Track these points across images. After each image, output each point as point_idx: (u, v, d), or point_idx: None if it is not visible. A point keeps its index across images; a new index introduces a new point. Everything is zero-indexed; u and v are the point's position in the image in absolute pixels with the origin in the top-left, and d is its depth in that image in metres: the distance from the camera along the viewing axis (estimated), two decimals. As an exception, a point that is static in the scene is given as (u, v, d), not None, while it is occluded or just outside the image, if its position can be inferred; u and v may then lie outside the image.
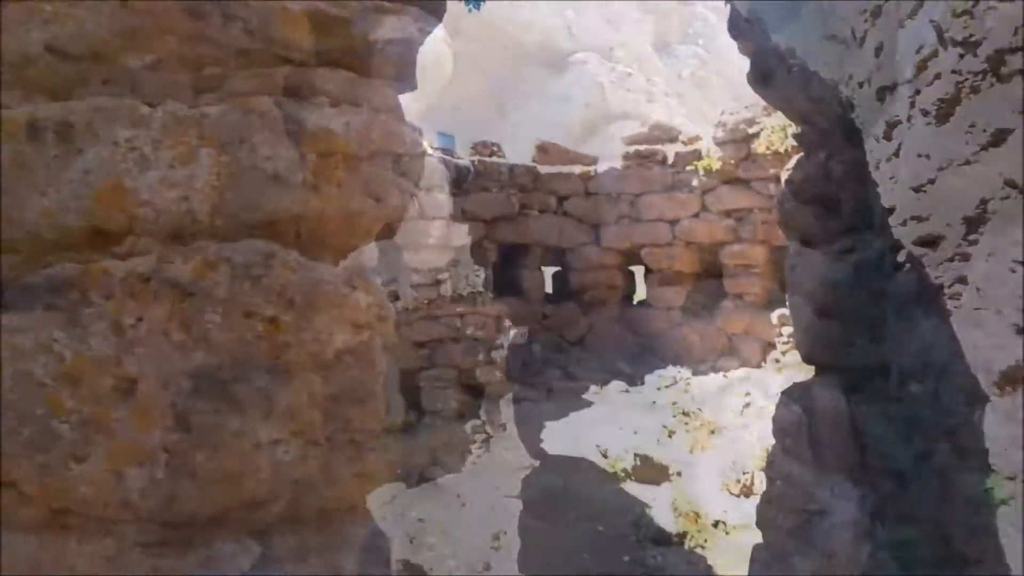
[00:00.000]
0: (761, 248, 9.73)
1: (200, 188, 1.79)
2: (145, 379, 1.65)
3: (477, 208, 9.78)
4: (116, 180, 1.66)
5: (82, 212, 1.65)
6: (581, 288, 10.80)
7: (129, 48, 1.75)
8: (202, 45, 1.85)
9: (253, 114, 1.86)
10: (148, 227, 1.76)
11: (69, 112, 1.66)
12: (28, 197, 1.61)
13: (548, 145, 10.97)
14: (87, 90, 1.73)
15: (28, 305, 1.62)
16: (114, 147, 1.66)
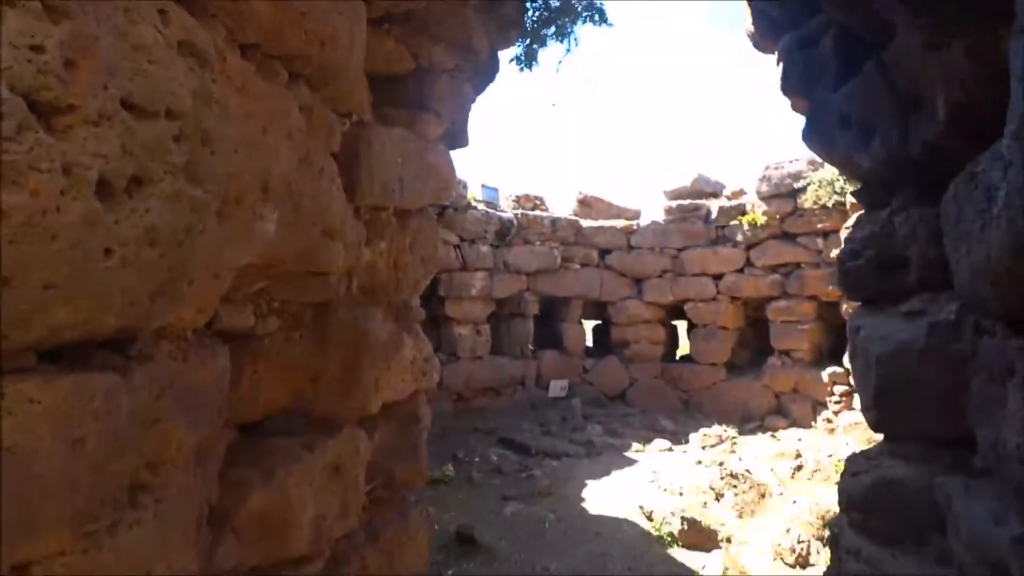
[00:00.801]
0: (809, 304, 9.48)
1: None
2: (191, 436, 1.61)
3: (519, 261, 9.79)
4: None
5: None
6: (622, 342, 10.64)
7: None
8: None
9: (313, 168, 1.84)
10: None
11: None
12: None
13: (590, 199, 10.99)
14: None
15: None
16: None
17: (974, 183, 2.04)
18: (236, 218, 1.36)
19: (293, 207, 1.71)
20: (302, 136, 1.75)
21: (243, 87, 1.36)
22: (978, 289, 2.00)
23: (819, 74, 3.44)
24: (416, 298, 3.19)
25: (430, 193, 3.14)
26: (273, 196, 1.55)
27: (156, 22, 1.07)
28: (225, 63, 1.29)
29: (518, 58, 4.23)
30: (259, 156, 1.43)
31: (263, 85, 1.48)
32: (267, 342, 2.21)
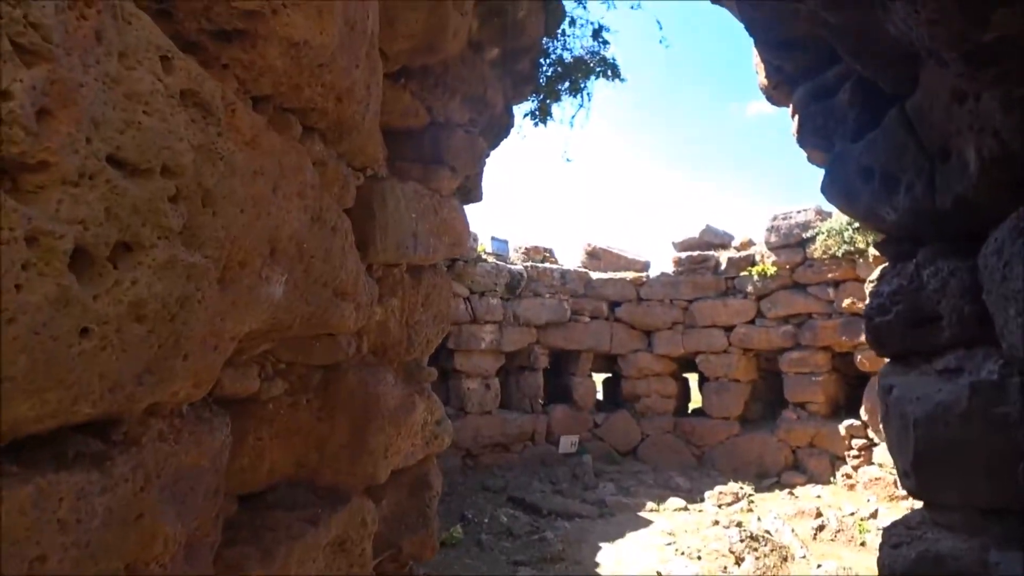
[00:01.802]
0: (823, 355, 9.32)
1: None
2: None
3: (529, 313, 9.67)
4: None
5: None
6: (633, 396, 10.43)
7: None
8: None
9: (325, 227, 1.75)
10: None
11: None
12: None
13: (599, 250, 10.94)
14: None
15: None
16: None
17: (1023, 238, 1.94)
18: (240, 283, 1.26)
19: (304, 269, 1.61)
20: (315, 193, 1.67)
21: (253, 141, 1.28)
22: (1035, 352, 1.89)
23: (837, 126, 3.38)
24: (427, 357, 3.08)
25: (444, 249, 3.06)
26: (282, 258, 1.46)
27: (156, 69, 0.98)
28: (234, 115, 1.21)
29: (532, 113, 4.20)
30: (268, 216, 1.34)
31: (275, 139, 1.40)
32: (272, 407, 2.09)
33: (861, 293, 8.66)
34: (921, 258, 3.06)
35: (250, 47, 1.29)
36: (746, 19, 3.67)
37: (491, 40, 3.49)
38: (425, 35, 2.39)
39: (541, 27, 3.81)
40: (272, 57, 1.34)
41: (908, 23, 1.48)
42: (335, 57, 1.52)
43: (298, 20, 1.30)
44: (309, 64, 1.44)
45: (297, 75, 1.45)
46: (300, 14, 1.29)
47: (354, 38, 1.61)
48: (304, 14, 1.30)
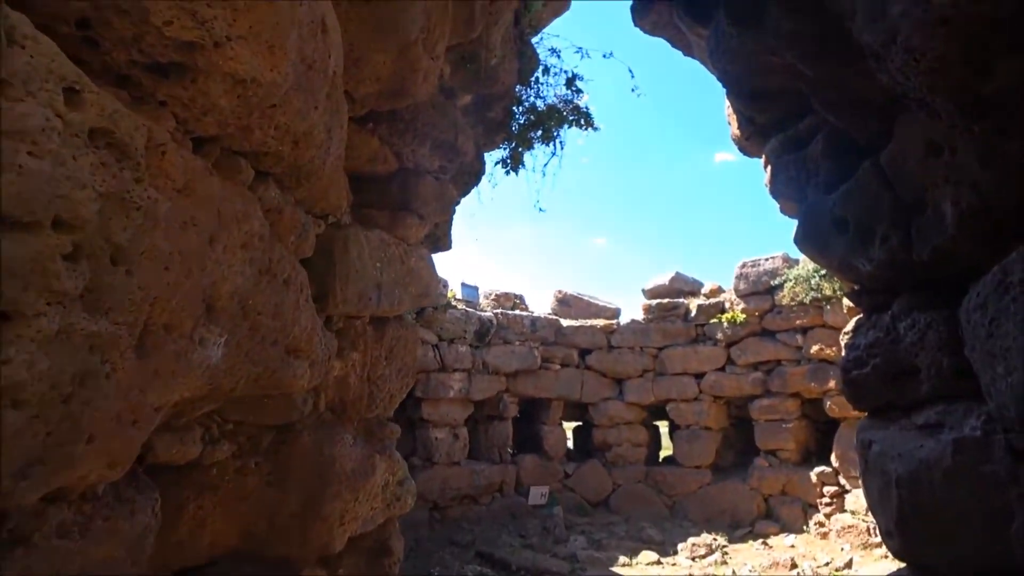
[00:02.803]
0: (792, 401, 9.29)
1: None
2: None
3: (498, 361, 9.49)
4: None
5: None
6: (604, 445, 10.25)
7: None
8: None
9: (276, 280, 1.61)
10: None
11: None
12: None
13: (569, 297, 10.87)
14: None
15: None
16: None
17: (1010, 294, 1.88)
18: (165, 349, 1.11)
19: (249, 327, 1.46)
20: (264, 244, 1.53)
21: (186, 188, 1.14)
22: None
23: (810, 177, 3.36)
24: (390, 413, 2.90)
25: (410, 299, 2.92)
26: (221, 316, 1.31)
27: (55, 103, 0.83)
28: (163, 158, 1.07)
29: (504, 160, 4.13)
30: (202, 271, 1.19)
31: (214, 185, 1.26)
32: (216, 472, 1.90)
33: (829, 339, 8.70)
34: (897, 309, 3.01)
35: (190, 83, 1.17)
36: (719, 71, 3.68)
37: (464, 86, 3.43)
38: (394, 78, 2.29)
39: (515, 74, 3.77)
40: (216, 95, 1.21)
41: (904, 72, 1.42)
42: (289, 97, 1.40)
43: (244, 55, 1.18)
44: (259, 104, 1.32)
45: (246, 115, 1.33)
46: (247, 49, 1.17)
47: (312, 78, 1.50)
48: (252, 49, 1.18)
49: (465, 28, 2.77)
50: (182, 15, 1.05)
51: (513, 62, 3.59)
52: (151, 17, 1.03)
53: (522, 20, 4.06)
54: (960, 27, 1.16)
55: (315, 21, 1.45)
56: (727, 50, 3.30)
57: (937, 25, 1.18)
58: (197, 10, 1.06)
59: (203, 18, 1.07)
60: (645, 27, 4.43)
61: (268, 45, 1.22)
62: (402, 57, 2.18)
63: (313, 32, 1.45)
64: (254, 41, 1.18)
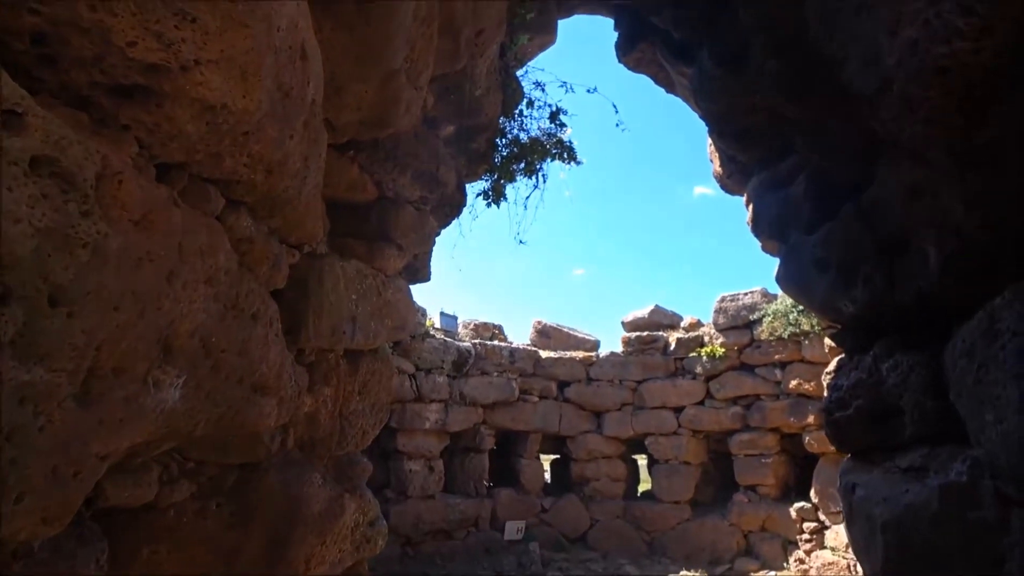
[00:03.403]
0: (771, 436, 9.27)
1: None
2: None
3: (476, 392, 9.37)
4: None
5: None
6: (582, 479, 10.11)
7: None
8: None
9: (243, 316, 1.52)
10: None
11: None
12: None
13: (549, 328, 10.81)
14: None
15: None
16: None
17: (999, 341, 1.85)
18: (113, 395, 1.02)
19: (211, 366, 1.37)
20: (231, 278, 1.45)
21: (144, 220, 1.06)
22: (1018, 464, 1.76)
23: (792, 217, 3.36)
24: (362, 450, 2.80)
25: (386, 332, 2.83)
26: (180, 357, 1.22)
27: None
28: (120, 188, 1.00)
29: (485, 192, 4.09)
30: (159, 310, 1.11)
31: (176, 217, 1.18)
32: (173, 515, 1.79)
33: (807, 374, 8.71)
34: (879, 351, 2.98)
35: (155, 107, 1.10)
36: (702, 110, 3.70)
37: (447, 117, 3.39)
38: (376, 107, 2.24)
39: (499, 106, 3.75)
40: (182, 121, 1.15)
41: (899, 121, 1.40)
42: (263, 125, 1.34)
43: (215, 81, 1.12)
44: (230, 131, 1.26)
45: (216, 143, 1.26)
46: (218, 74, 1.11)
47: (289, 106, 1.44)
48: (223, 75, 1.12)
49: (450, 59, 2.74)
50: (147, 36, 0.99)
51: (497, 94, 3.57)
52: (113, 37, 0.96)
53: (508, 53, 4.05)
54: (958, 77, 1.14)
55: (294, 47, 1.40)
56: (710, 89, 3.32)
57: (935, 74, 1.16)
58: (163, 32, 1.00)
59: (169, 40, 1.01)
60: (629, 64, 4.46)
61: (241, 71, 1.16)
62: (385, 87, 2.14)
63: (291, 59, 1.39)
64: (226, 66, 1.12)
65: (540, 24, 4.18)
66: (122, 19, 0.95)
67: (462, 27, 2.63)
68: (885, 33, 1.30)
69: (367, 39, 1.97)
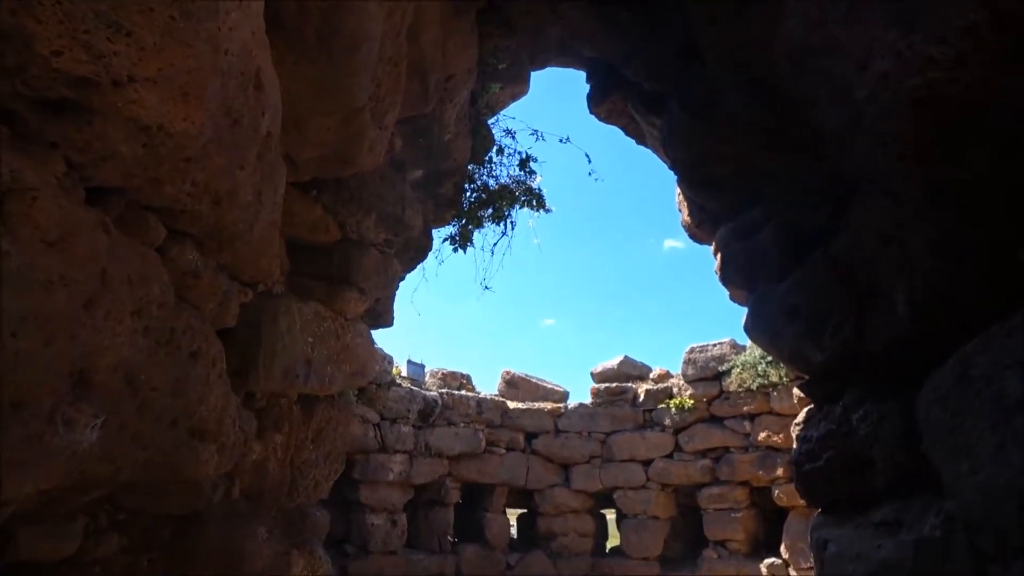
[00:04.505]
0: (741, 490, 9.15)
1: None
2: None
3: (442, 443, 9.14)
4: None
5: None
6: (550, 534, 9.83)
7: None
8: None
9: (179, 353, 1.42)
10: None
11: None
12: None
13: (517, 378, 10.66)
14: None
15: None
16: None
17: (973, 388, 1.81)
18: (10, 433, 0.91)
19: (138, 405, 1.26)
20: (167, 312, 1.35)
21: (60, 242, 0.97)
22: (995, 515, 1.70)
23: (760, 265, 3.35)
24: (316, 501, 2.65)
25: (343, 378, 2.72)
26: (99, 393, 1.12)
27: None
28: (33, 205, 0.91)
29: (452, 238, 4.04)
30: (72, 339, 1.01)
31: (104, 242, 1.09)
32: (99, 571, 1.64)
33: (776, 426, 8.67)
34: (849, 400, 2.94)
35: (85, 125, 1.03)
36: (671, 158, 3.72)
37: (415, 160, 3.36)
38: (338, 145, 2.19)
39: (468, 152, 3.73)
40: (115, 141, 1.07)
41: (871, 158, 1.38)
42: (208, 152, 1.27)
43: (151, 100, 1.05)
44: (170, 155, 1.18)
45: (154, 167, 1.18)
46: (155, 93, 1.04)
47: (239, 134, 1.38)
48: (160, 94, 1.05)
49: (418, 102, 2.72)
50: (74, 46, 0.92)
51: (467, 140, 3.56)
52: (36, 45, 0.89)
53: (479, 100, 4.06)
54: (932, 109, 1.12)
55: (246, 75, 1.34)
56: (679, 138, 3.34)
57: (909, 107, 1.14)
58: (93, 43, 0.93)
59: (100, 53, 0.94)
60: (600, 115, 4.50)
61: (182, 92, 1.09)
62: (347, 124, 2.09)
63: (243, 86, 1.33)
64: (165, 86, 1.05)
65: (512, 74, 4.21)
66: (47, 26, 0.88)
67: (431, 71, 2.62)
68: (855, 69, 1.29)
69: (330, 75, 1.93)
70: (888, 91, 1.17)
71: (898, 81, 1.13)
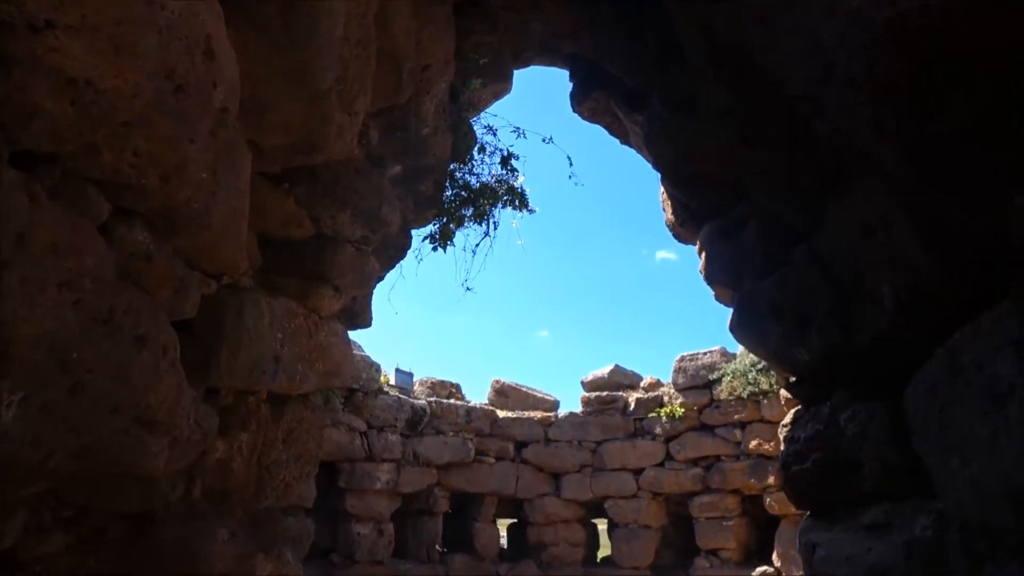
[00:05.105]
0: (732, 498, 9.10)
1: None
2: None
3: (430, 452, 9.03)
4: None
5: None
6: (540, 544, 9.72)
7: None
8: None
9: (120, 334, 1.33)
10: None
11: None
12: None
13: (507, 387, 10.57)
14: None
15: None
16: None
17: (963, 377, 1.73)
18: None
19: (70, 386, 1.18)
20: (104, 288, 1.27)
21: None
22: (989, 512, 1.61)
23: (745, 263, 3.28)
24: (286, 505, 2.55)
25: (316, 377, 2.63)
26: (17, 368, 1.03)
27: None
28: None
29: (432, 236, 3.96)
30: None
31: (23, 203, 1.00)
32: (39, 570, 1.54)
33: (767, 434, 8.62)
34: (837, 401, 2.87)
35: (4, 76, 0.95)
36: (653, 155, 3.66)
37: (392, 155, 3.28)
38: (305, 130, 2.11)
39: (448, 148, 3.66)
40: (39, 95, 0.99)
41: (845, 110, 1.31)
42: (149, 118, 1.19)
43: (75, 50, 0.97)
44: (105, 118, 1.10)
45: (89, 131, 1.11)
46: (78, 43, 0.97)
47: (184, 103, 1.30)
48: (85, 44, 0.98)
49: (392, 91, 2.65)
50: (-21, -19, 0.85)
51: (446, 135, 3.49)
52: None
53: (461, 97, 4.00)
54: (905, 44, 1.05)
55: (192, 39, 1.27)
56: (661, 133, 3.28)
57: (881, 44, 1.08)
58: (2, -20, 0.86)
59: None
60: (583, 113, 4.45)
61: (111, 45, 1.01)
62: (313, 107, 2.01)
63: (188, 50, 1.26)
64: (90, 36, 0.98)
65: (494, 71, 4.16)
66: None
67: (404, 59, 2.55)
68: (823, 14, 1.22)
69: (292, 56, 1.86)
70: (859, 28, 1.10)
71: (868, 17, 1.07)
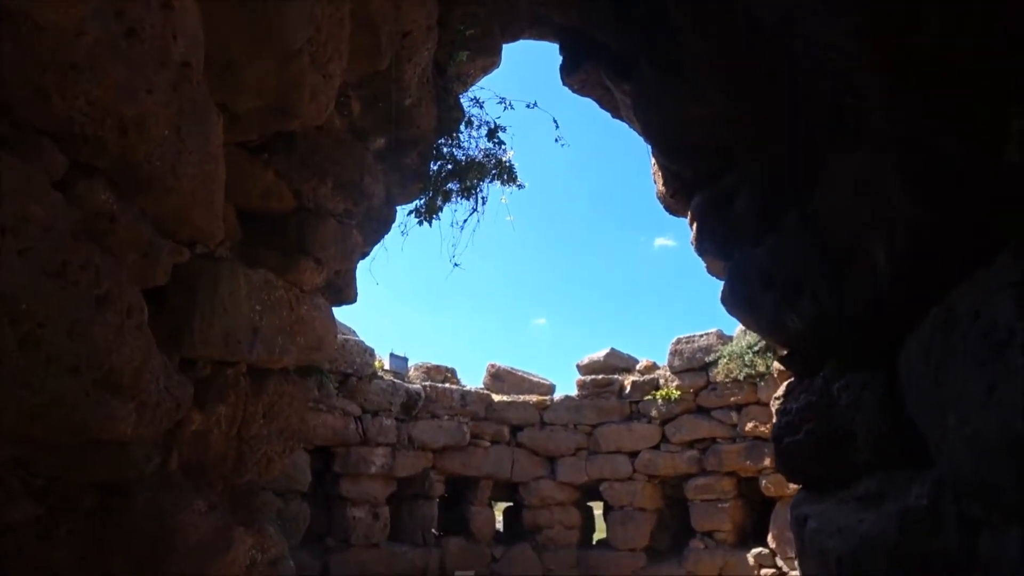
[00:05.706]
0: (728, 480, 9.10)
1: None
2: None
3: (425, 436, 9.01)
4: None
5: None
6: (535, 527, 9.73)
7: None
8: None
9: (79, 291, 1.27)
10: None
11: None
12: None
13: (502, 371, 10.54)
14: None
15: None
16: None
17: (958, 329, 1.68)
18: None
19: (20, 339, 1.12)
20: (56, 239, 1.21)
21: None
22: (985, 470, 1.56)
23: (736, 232, 3.23)
24: (267, 480, 2.50)
25: (297, 351, 2.57)
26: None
27: None
28: None
29: (417, 210, 3.89)
30: None
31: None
32: (10, 540, 1.50)
33: (763, 416, 8.60)
34: (829, 371, 2.83)
35: (-73, 4, 0.89)
36: (642, 124, 3.60)
37: (376, 127, 3.21)
38: (277, 93, 2.04)
39: (433, 120, 3.59)
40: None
41: (823, 43, 1.24)
42: (100, 63, 1.13)
43: (8, -24, 0.91)
44: (51, 59, 1.04)
45: (36, 72, 1.04)
46: (11, -32, 0.91)
47: (139, 49, 1.24)
48: (19, -30, 0.92)
49: (371, 57, 2.58)
50: None
51: (431, 107, 3.42)
52: None
53: (448, 70, 3.93)
54: None
55: (146, -19, 1.21)
56: (649, 100, 3.22)
57: None
58: None
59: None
60: (573, 86, 4.38)
61: (49, -27, 0.96)
62: (285, 68, 1.94)
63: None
64: (23, -38, 0.92)
65: (483, 45, 4.08)
66: None
67: (381, 23, 2.48)
68: None
69: (261, 15, 1.79)
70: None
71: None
